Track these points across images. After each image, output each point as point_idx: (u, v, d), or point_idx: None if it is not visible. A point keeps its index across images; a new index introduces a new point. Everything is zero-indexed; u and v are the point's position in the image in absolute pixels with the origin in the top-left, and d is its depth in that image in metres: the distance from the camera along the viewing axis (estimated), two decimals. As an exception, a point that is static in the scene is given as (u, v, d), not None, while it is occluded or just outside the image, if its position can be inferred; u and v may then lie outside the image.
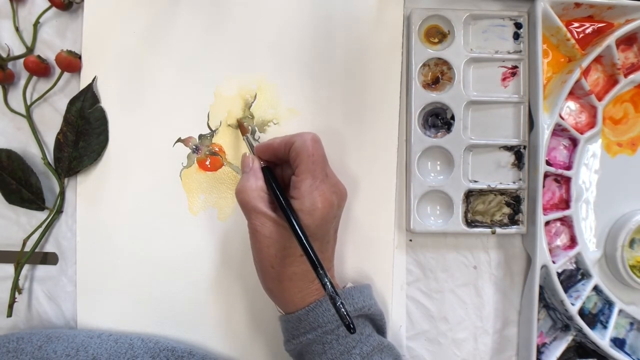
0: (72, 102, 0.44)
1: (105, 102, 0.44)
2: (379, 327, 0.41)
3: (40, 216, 0.44)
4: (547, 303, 0.44)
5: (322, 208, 0.35)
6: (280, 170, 0.40)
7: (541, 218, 0.42)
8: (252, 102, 0.45)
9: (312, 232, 0.35)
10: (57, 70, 0.44)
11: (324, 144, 0.38)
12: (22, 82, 0.44)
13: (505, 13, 0.44)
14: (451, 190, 0.44)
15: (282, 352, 0.43)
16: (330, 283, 0.32)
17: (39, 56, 0.44)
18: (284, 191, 0.37)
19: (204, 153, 0.45)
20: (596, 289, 0.43)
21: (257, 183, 0.37)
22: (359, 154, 0.44)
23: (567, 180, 0.44)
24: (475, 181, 0.44)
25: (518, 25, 0.44)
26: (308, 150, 0.36)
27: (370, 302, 0.40)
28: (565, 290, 0.43)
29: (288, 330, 0.38)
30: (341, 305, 0.31)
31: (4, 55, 0.44)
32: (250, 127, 0.45)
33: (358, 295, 0.39)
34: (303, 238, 0.34)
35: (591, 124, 0.44)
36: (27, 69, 0.43)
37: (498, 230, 0.44)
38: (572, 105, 0.45)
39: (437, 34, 0.45)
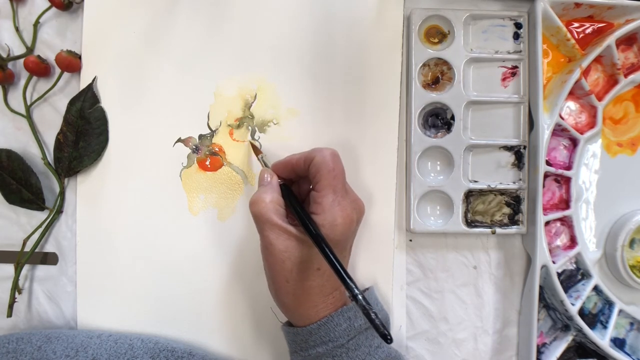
0: (72, 102, 0.44)
1: (105, 102, 0.44)
2: None
3: (40, 216, 0.44)
4: (547, 303, 0.44)
5: (342, 224, 0.35)
6: (296, 187, 0.40)
7: (541, 218, 0.42)
8: (252, 102, 0.45)
9: (332, 247, 0.34)
10: (57, 70, 0.44)
11: (323, 144, 0.38)
12: (22, 82, 0.44)
13: (505, 13, 0.44)
14: (451, 190, 0.43)
15: (282, 351, 0.43)
16: (362, 295, 0.32)
17: (39, 56, 0.44)
18: (302, 205, 0.37)
19: (204, 153, 0.45)
20: (596, 289, 0.43)
21: (273, 195, 0.37)
22: (359, 155, 0.44)
23: (567, 180, 0.44)
24: (475, 181, 0.44)
25: (518, 25, 0.44)
26: (329, 166, 0.36)
27: (378, 308, 0.40)
28: (565, 290, 0.42)
29: (296, 342, 0.37)
30: (375, 316, 0.31)
31: (4, 55, 0.44)
32: (250, 128, 0.45)
33: None
34: (328, 250, 0.33)
35: (591, 124, 0.44)
36: (27, 69, 0.43)
37: (498, 230, 0.44)
38: (572, 105, 0.45)
39: (437, 34, 0.45)
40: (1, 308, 0.43)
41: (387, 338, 0.31)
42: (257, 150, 0.43)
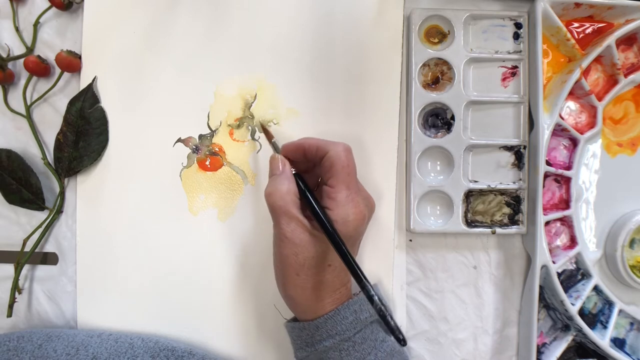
0: (72, 102, 0.44)
1: (105, 102, 0.44)
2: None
3: (40, 216, 0.44)
4: (547, 303, 0.44)
5: (354, 220, 0.35)
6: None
7: (541, 218, 0.42)
8: (252, 102, 0.45)
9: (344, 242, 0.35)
10: (57, 70, 0.44)
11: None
12: (22, 82, 0.44)
13: (505, 13, 0.44)
14: (451, 190, 0.43)
15: (283, 350, 0.43)
16: (379, 297, 0.32)
17: (39, 56, 0.44)
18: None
19: (204, 153, 0.45)
20: (596, 289, 0.43)
21: (289, 186, 0.36)
22: (359, 154, 0.44)
23: (567, 180, 0.44)
24: (475, 181, 0.44)
25: (518, 25, 0.44)
26: (342, 161, 0.36)
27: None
28: (565, 290, 0.42)
29: (302, 338, 0.37)
30: (390, 319, 0.31)
31: (4, 55, 0.44)
32: (250, 128, 0.45)
33: None
34: (345, 249, 0.33)
35: (591, 124, 0.44)
36: (27, 69, 0.43)
37: (498, 230, 0.44)
38: (572, 105, 0.45)
39: (437, 34, 0.45)
40: (1, 308, 0.43)
41: (400, 341, 0.31)
42: (269, 135, 0.42)
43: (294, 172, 0.38)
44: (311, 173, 0.40)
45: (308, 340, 0.37)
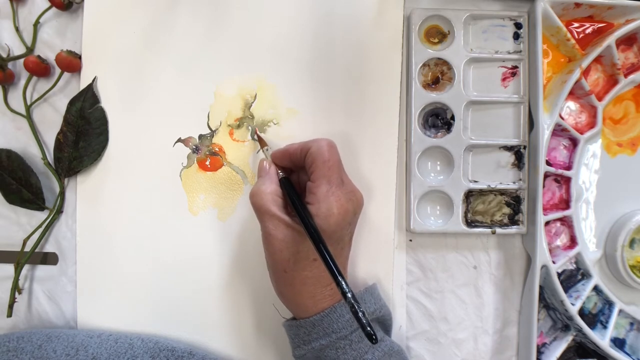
0: (72, 102, 0.44)
1: (105, 102, 0.44)
2: (387, 327, 0.41)
3: (40, 216, 0.44)
4: (547, 303, 0.44)
5: (337, 214, 0.35)
6: (296, 177, 0.41)
7: (541, 218, 0.42)
8: (252, 102, 0.45)
9: (326, 237, 0.35)
10: (57, 70, 0.44)
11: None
12: (22, 82, 0.44)
13: (505, 13, 0.44)
14: (451, 190, 0.43)
15: (283, 350, 0.43)
16: (352, 292, 0.32)
17: (39, 56, 0.44)
18: (300, 197, 0.37)
19: (204, 153, 0.45)
20: (596, 289, 0.43)
21: (271, 187, 0.37)
22: (359, 154, 0.44)
23: (567, 180, 0.44)
24: (475, 181, 0.44)
25: (518, 25, 0.44)
26: (324, 156, 0.36)
27: (381, 304, 0.40)
28: (565, 290, 0.42)
29: (299, 336, 0.38)
30: (362, 315, 0.31)
31: (4, 55, 0.44)
32: (250, 128, 0.45)
33: (369, 298, 0.39)
34: (322, 246, 0.34)
35: (591, 124, 0.44)
36: (27, 69, 0.43)
37: (498, 230, 0.44)
38: (572, 105, 0.45)
39: (437, 34, 0.45)
40: (1, 308, 0.43)
41: (372, 338, 0.30)
42: (262, 142, 0.43)
43: (281, 175, 0.39)
44: (303, 176, 0.40)
45: (305, 338, 0.37)
